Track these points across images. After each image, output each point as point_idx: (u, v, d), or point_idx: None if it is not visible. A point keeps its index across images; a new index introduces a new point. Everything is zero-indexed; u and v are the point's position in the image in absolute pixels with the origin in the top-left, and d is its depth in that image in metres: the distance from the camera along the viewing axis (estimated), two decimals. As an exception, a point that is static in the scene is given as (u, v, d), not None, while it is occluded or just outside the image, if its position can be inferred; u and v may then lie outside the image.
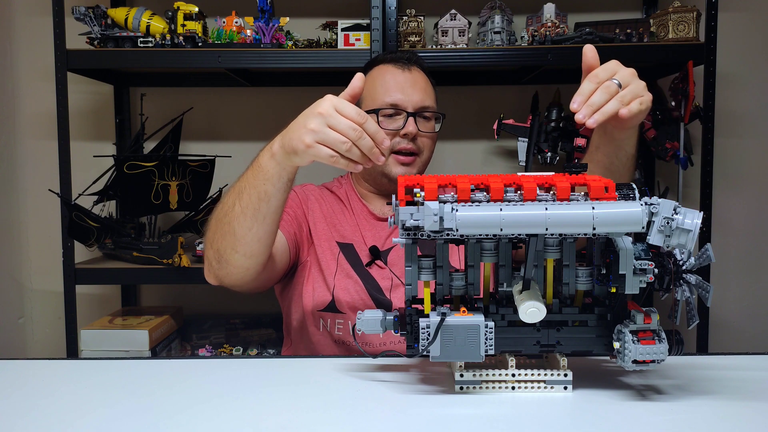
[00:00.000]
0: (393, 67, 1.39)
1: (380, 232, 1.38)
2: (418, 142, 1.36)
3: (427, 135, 1.37)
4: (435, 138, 1.41)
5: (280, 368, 0.97)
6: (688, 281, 0.78)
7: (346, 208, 1.42)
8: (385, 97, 1.35)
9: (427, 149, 1.39)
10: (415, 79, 1.38)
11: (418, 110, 1.35)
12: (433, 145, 1.41)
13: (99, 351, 1.80)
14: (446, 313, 0.81)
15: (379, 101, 1.36)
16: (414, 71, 1.39)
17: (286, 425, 0.75)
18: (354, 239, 1.37)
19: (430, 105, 1.38)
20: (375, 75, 1.40)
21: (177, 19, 1.78)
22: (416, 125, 1.34)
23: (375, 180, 1.40)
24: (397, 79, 1.37)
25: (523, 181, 0.78)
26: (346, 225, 1.39)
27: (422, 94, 1.37)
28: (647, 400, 0.81)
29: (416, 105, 1.35)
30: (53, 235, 2.02)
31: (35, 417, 0.78)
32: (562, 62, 1.79)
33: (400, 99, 1.35)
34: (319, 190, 1.46)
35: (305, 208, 1.40)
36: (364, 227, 1.39)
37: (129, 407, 0.81)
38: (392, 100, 1.35)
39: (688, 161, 1.82)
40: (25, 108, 2.14)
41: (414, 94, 1.35)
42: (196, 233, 1.93)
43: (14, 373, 0.95)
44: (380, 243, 1.36)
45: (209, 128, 2.14)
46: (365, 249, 1.35)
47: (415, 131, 1.34)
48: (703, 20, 1.76)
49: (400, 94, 1.35)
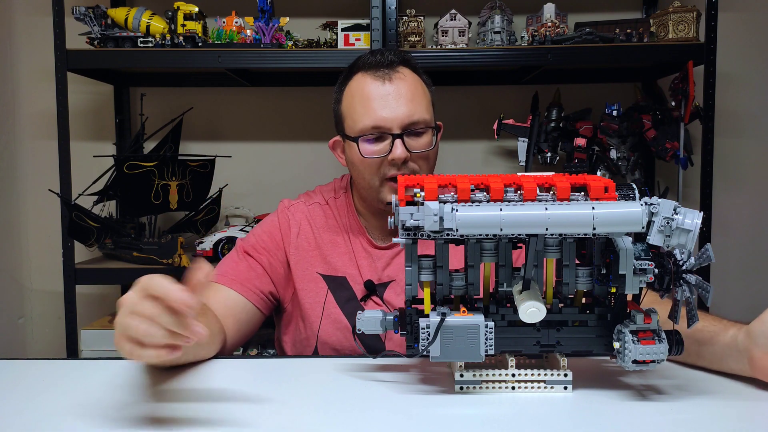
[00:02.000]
0: (372, 79, 1.18)
1: (377, 263, 1.24)
2: (411, 165, 1.17)
3: (420, 155, 1.17)
4: (433, 155, 1.21)
5: (280, 368, 0.97)
6: (688, 281, 0.78)
7: (341, 230, 1.27)
8: (365, 118, 1.16)
9: (425, 169, 1.20)
10: (399, 89, 1.17)
11: (406, 128, 1.16)
12: (432, 162, 1.22)
13: (99, 351, 1.80)
14: (446, 313, 0.81)
15: (359, 124, 1.17)
16: (398, 78, 1.18)
17: (286, 425, 0.75)
18: (348, 272, 1.23)
19: (420, 118, 1.17)
20: (354, 89, 1.20)
21: (177, 19, 1.78)
22: (405, 147, 1.15)
23: (371, 203, 1.24)
24: (378, 93, 1.16)
25: (523, 181, 0.78)
26: (339, 255, 1.25)
27: (409, 106, 1.16)
28: (647, 400, 0.81)
29: (403, 122, 1.15)
30: (53, 235, 2.02)
31: (35, 417, 0.78)
32: (562, 62, 1.79)
33: (383, 119, 1.15)
34: (309, 210, 1.29)
35: (286, 245, 1.25)
36: (360, 256, 1.24)
37: (129, 407, 0.81)
38: (373, 122, 1.15)
39: (688, 161, 1.82)
40: (25, 108, 2.14)
41: (399, 109, 1.15)
42: (196, 233, 1.93)
43: (14, 373, 0.95)
44: (377, 274, 1.23)
45: (209, 128, 2.14)
46: (360, 282, 1.22)
47: (405, 155, 1.14)
48: (703, 20, 1.76)
49: (382, 111, 1.15)
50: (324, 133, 2.10)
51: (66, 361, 1.05)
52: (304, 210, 1.29)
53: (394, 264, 1.24)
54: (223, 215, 2.05)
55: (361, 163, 1.19)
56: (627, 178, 1.88)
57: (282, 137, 2.15)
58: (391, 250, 1.25)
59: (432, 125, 1.20)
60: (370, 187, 1.20)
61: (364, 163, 1.19)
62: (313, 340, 1.22)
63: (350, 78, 1.23)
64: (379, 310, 0.87)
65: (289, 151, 2.15)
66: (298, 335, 1.26)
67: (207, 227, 1.94)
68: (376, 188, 1.20)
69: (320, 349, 1.22)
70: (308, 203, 1.31)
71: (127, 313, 0.71)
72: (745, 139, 2.09)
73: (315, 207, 1.30)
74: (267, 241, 1.25)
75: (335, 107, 1.27)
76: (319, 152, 2.11)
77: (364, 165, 1.19)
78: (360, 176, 1.22)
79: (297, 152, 2.14)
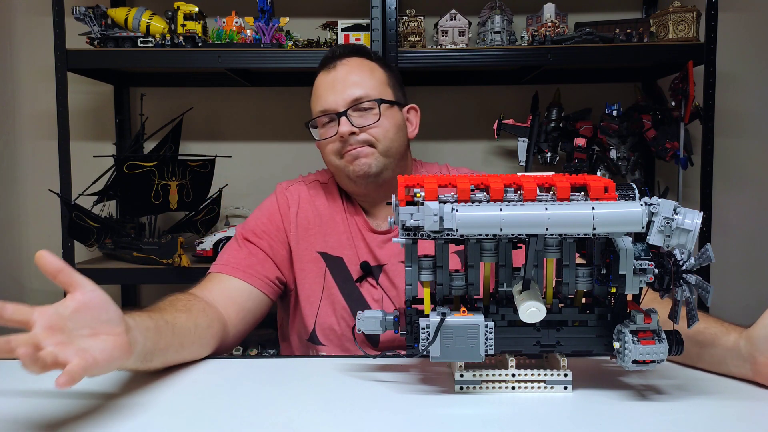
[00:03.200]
0: (323, 73, 1.28)
1: (373, 245, 1.27)
2: (362, 136, 1.21)
3: (370, 128, 1.21)
4: (390, 125, 1.23)
5: (280, 368, 0.97)
6: (688, 281, 0.78)
7: (340, 209, 1.30)
8: (315, 105, 1.26)
9: (384, 139, 1.22)
10: (343, 73, 1.25)
11: (350, 105, 1.22)
12: (394, 133, 1.24)
13: (99, 351, 1.79)
14: (446, 313, 0.81)
15: (312, 113, 1.28)
16: (342, 65, 1.26)
17: (286, 425, 0.75)
18: (345, 253, 1.26)
19: (363, 94, 1.22)
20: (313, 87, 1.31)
21: (177, 19, 1.78)
22: (350, 122, 1.20)
23: (347, 186, 1.28)
24: (324, 82, 1.26)
25: (523, 181, 0.78)
26: (337, 235, 1.27)
27: (352, 87, 1.22)
28: (647, 400, 0.81)
29: (346, 101, 1.22)
30: (53, 235, 2.02)
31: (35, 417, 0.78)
32: (562, 62, 1.79)
33: (328, 101, 1.23)
34: (309, 188, 1.32)
35: (286, 225, 1.27)
36: (357, 238, 1.27)
37: (128, 407, 0.81)
38: (321, 107, 1.24)
39: (688, 161, 1.82)
40: (25, 108, 2.14)
41: (342, 92, 1.22)
42: (196, 233, 1.93)
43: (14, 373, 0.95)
44: (373, 257, 1.26)
45: (209, 128, 2.14)
46: (356, 263, 1.25)
47: (349, 129, 1.20)
48: (703, 20, 1.76)
49: (328, 95, 1.23)
50: (324, 133, 2.10)
51: (66, 361, 1.05)
52: (303, 189, 1.32)
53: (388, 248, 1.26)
54: (223, 215, 2.05)
55: (322, 148, 1.28)
56: (627, 178, 1.88)
57: (282, 137, 2.15)
58: (387, 236, 1.27)
59: (375, 99, 1.23)
60: (337, 169, 1.26)
61: (323, 148, 1.27)
62: (312, 321, 1.23)
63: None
64: (379, 310, 0.87)
65: (289, 151, 2.15)
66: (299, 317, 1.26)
67: (207, 227, 1.94)
68: (341, 167, 1.24)
69: (318, 330, 1.23)
70: (308, 182, 1.35)
71: None
72: (745, 139, 2.09)
73: (315, 184, 1.34)
74: (267, 224, 1.26)
75: None
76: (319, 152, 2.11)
77: (323, 149, 1.27)
78: (328, 163, 1.29)
79: (297, 152, 2.14)
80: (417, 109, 1.35)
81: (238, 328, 1.14)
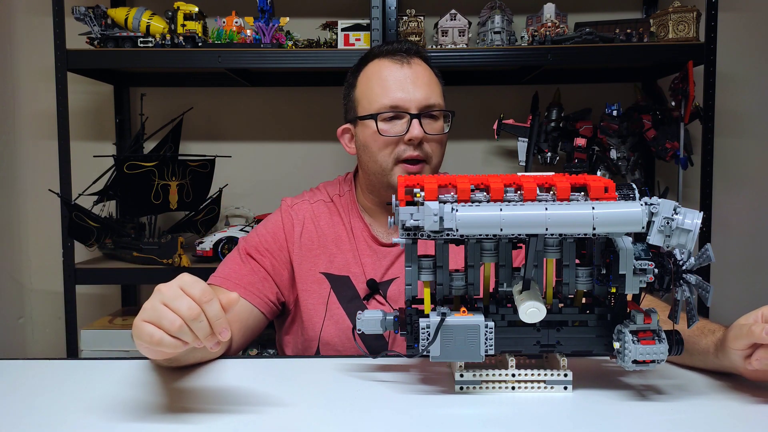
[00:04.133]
0: (390, 62, 1.21)
1: (381, 261, 1.24)
2: (426, 147, 1.19)
3: (435, 138, 1.20)
4: (445, 140, 1.24)
5: (280, 368, 0.97)
6: (688, 281, 0.78)
7: (345, 228, 1.26)
8: (383, 98, 1.18)
9: (437, 155, 1.22)
10: (416, 73, 1.20)
11: (423, 110, 1.18)
12: (443, 149, 1.24)
13: (99, 351, 1.80)
14: (446, 313, 0.81)
15: (376, 104, 1.19)
16: (415, 64, 1.22)
17: (286, 425, 0.75)
18: (351, 271, 1.23)
19: (436, 102, 1.20)
20: (370, 73, 1.23)
21: (177, 19, 1.78)
22: (422, 128, 1.17)
23: (379, 192, 1.24)
24: (396, 76, 1.19)
25: (523, 181, 0.78)
26: (343, 254, 1.24)
27: (426, 90, 1.19)
28: (647, 400, 0.81)
29: (420, 104, 1.18)
30: (53, 235, 2.02)
31: (35, 417, 0.78)
32: (562, 62, 1.79)
33: (401, 99, 1.17)
34: (313, 208, 1.29)
35: (289, 245, 1.24)
36: (364, 254, 1.24)
37: (128, 407, 0.81)
38: (392, 102, 1.18)
39: (688, 161, 1.82)
40: (25, 108, 2.14)
41: (417, 92, 1.18)
42: (196, 233, 1.93)
43: (14, 373, 0.95)
44: (381, 272, 1.23)
45: (209, 128, 2.14)
46: (363, 281, 1.22)
47: (422, 135, 1.17)
48: (703, 20, 1.76)
49: (400, 92, 1.18)
50: (324, 133, 2.10)
51: (66, 361, 1.05)
52: (307, 208, 1.28)
53: (399, 262, 1.24)
54: (223, 215, 2.05)
55: (375, 143, 1.20)
56: (627, 178, 1.88)
57: (282, 137, 2.15)
58: (396, 248, 1.24)
59: (448, 111, 1.23)
60: (382, 169, 1.20)
61: (378, 143, 1.19)
62: (315, 342, 1.22)
63: (366, 63, 1.26)
64: (379, 310, 0.87)
65: (290, 151, 2.15)
66: (300, 337, 1.25)
67: (207, 227, 1.94)
68: (388, 170, 1.19)
69: (322, 350, 1.22)
70: (312, 201, 1.30)
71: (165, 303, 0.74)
72: (745, 139, 2.09)
73: (319, 204, 1.29)
74: (270, 242, 1.24)
75: (347, 93, 1.28)
76: (319, 152, 2.11)
77: (378, 145, 1.19)
78: (371, 158, 1.21)
79: (297, 152, 2.14)
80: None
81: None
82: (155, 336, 0.73)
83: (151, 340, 0.73)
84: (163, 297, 0.75)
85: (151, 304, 0.75)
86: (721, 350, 0.85)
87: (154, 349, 0.75)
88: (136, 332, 0.75)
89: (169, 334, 0.73)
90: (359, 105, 1.24)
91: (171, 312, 0.73)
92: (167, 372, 0.94)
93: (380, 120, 1.19)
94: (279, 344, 1.34)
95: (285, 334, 1.29)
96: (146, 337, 0.73)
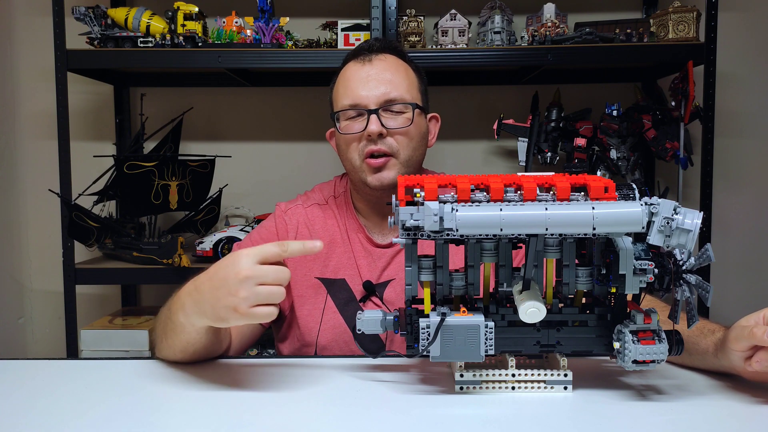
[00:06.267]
0: (354, 63, 1.23)
1: (377, 262, 1.24)
2: (389, 141, 1.18)
3: (399, 132, 1.18)
4: (416, 134, 1.21)
5: (280, 368, 0.97)
6: (688, 281, 0.78)
7: (340, 231, 1.27)
8: (344, 98, 1.21)
9: (406, 148, 1.19)
10: (378, 70, 1.20)
11: (382, 104, 1.18)
12: (416, 142, 1.21)
13: (99, 351, 1.80)
14: (446, 313, 0.81)
15: (338, 104, 1.23)
16: (378, 60, 1.22)
17: (286, 425, 0.75)
18: (347, 273, 1.23)
19: (398, 96, 1.19)
20: (340, 76, 1.26)
21: (177, 19, 1.78)
22: (380, 122, 1.17)
23: (360, 189, 1.25)
24: (358, 75, 1.21)
25: (523, 181, 0.78)
26: (338, 256, 1.24)
27: (387, 85, 1.19)
28: (647, 400, 0.81)
29: (379, 99, 1.18)
30: (53, 235, 2.02)
31: (35, 417, 0.78)
32: (562, 62, 1.78)
33: (360, 96, 1.18)
34: (307, 213, 1.29)
35: None
36: (359, 256, 1.24)
37: (129, 407, 0.81)
38: (351, 100, 1.19)
39: (688, 161, 1.82)
40: (25, 108, 2.14)
41: (375, 88, 1.18)
42: (196, 233, 1.93)
43: (14, 373, 0.95)
44: (377, 274, 1.23)
45: (209, 128, 2.14)
46: (359, 283, 1.22)
47: (378, 130, 1.16)
48: (703, 20, 1.76)
49: (360, 90, 1.19)
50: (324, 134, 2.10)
51: (66, 361, 1.05)
52: (301, 213, 1.29)
53: (395, 263, 1.24)
54: (223, 215, 2.05)
55: (342, 142, 1.23)
56: (627, 178, 1.88)
57: (282, 137, 2.15)
58: (392, 249, 1.24)
59: (410, 103, 1.21)
60: (353, 167, 1.22)
61: (344, 141, 1.22)
62: (312, 348, 1.22)
63: (342, 67, 1.28)
64: (379, 311, 0.87)
65: (289, 151, 2.15)
66: (297, 343, 1.25)
67: (207, 227, 1.94)
68: (358, 167, 1.21)
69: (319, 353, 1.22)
70: (306, 205, 1.30)
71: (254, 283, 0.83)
72: (745, 139, 2.09)
73: (314, 208, 1.30)
74: None
75: (329, 96, 1.31)
76: (319, 152, 2.11)
77: (345, 143, 1.22)
78: (344, 157, 1.24)
79: (297, 152, 2.14)
80: (438, 119, 1.32)
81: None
82: (275, 312, 0.84)
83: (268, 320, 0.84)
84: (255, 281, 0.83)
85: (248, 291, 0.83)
86: (721, 350, 0.85)
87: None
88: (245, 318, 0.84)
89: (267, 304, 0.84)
90: (331, 107, 1.28)
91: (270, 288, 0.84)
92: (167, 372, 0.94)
93: (343, 119, 1.22)
94: (276, 350, 1.34)
95: (282, 340, 1.29)
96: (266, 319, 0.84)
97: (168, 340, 0.98)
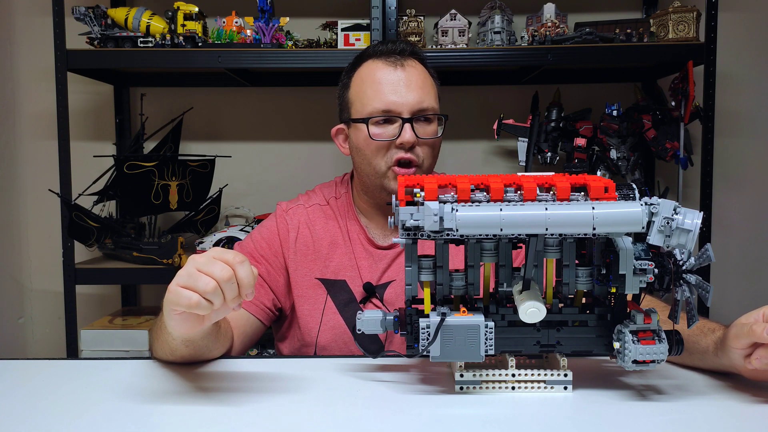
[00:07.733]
0: (384, 64, 1.19)
1: (378, 264, 1.23)
2: (418, 151, 1.17)
3: (427, 142, 1.18)
4: (438, 144, 1.22)
5: (280, 368, 0.97)
6: (688, 281, 0.78)
7: (341, 232, 1.26)
8: (376, 102, 1.17)
9: (429, 158, 1.20)
10: (410, 75, 1.18)
11: (416, 113, 1.17)
12: (436, 152, 1.23)
13: (99, 351, 1.80)
14: (446, 313, 0.81)
15: (369, 107, 1.18)
16: (409, 66, 1.20)
17: (286, 425, 0.75)
18: (348, 275, 1.22)
19: (430, 106, 1.19)
20: (364, 74, 1.21)
21: (177, 19, 1.78)
22: (414, 132, 1.16)
23: (374, 194, 1.23)
24: (390, 78, 1.17)
25: (523, 181, 0.78)
26: (339, 258, 1.23)
27: (420, 93, 1.17)
28: (647, 400, 0.81)
29: (413, 108, 1.16)
30: (53, 235, 2.02)
31: (35, 417, 0.78)
32: (562, 62, 1.79)
33: (394, 102, 1.16)
34: (308, 213, 1.28)
35: (285, 251, 1.24)
36: (360, 257, 1.23)
37: (129, 407, 0.81)
38: (384, 106, 1.16)
39: (688, 161, 1.82)
40: (25, 108, 2.14)
41: (409, 95, 1.16)
42: (196, 233, 1.93)
43: (14, 373, 0.95)
44: (377, 275, 1.22)
45: (209, 128, 2.14)
46: (360, 284, 1.21)
47: (413, 140, 1.15)
48: (703, 20, 1.76)
49: (393, 96, 1.16)
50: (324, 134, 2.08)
51: (66, 361, 1.05)
52: (302, 213, 1.27)
53: (396, 265, 1.23)
54: (223, 215, 2.05)
55: (368, 147, 1.19)
56: (627, 178, 1.88)
57: (282, 137, 2.15)
58: (393, 251, 1.24)
59: (442, 114, 1.22)
60: (375, 172, 1.19)
61: (370, 147, 1.18)
62: (312, 348, 1.22)
63: (360, 64, 1.24)
64: (379, 311, 0.87)
65: (289, 151, 2.15)
66: (297, 343, 1.25)
67: (207, 227, 1.94)
68: (382, 174, 1.19)
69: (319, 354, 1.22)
70: (307, 205, 1.29)
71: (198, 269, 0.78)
72: (745, 139, 2.09)
73: (315, 208, 1.28)
74: (265, 249, 1.24)
75: (341, 93, 1.27)
76: (319, 152, 2.11)
77: (370, 148, 1.18)
78: (365, 161, 1.20)
79: (297, 152, 2.14)
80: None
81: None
82: (193, 299, 0.77)
83: (189, 303, 0.77)
84: (196, 264, 0.79)
85: (186, 270, 0.79)
86: (721, 349, 0.85)
87: (187, 315, 0.80)
88: (172, 298, 0.80)
89: (204, 297, 0.77)
90: (352, 107, 1.23)
91: (205, 275, 0.78)
92: (167, 372, 0.94)
93: (372, 124, 1.18)
94: (276, 349, 1.34)
95: (282, 339, 1.29)
96: (184, 301, 0.78)
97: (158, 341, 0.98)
